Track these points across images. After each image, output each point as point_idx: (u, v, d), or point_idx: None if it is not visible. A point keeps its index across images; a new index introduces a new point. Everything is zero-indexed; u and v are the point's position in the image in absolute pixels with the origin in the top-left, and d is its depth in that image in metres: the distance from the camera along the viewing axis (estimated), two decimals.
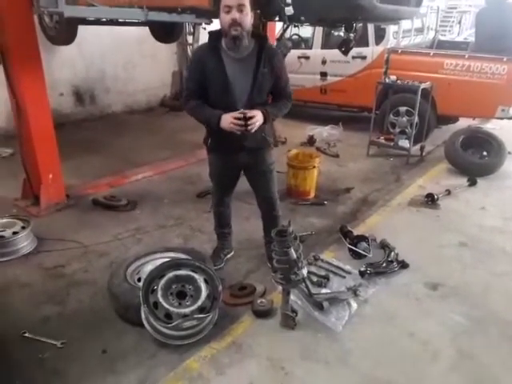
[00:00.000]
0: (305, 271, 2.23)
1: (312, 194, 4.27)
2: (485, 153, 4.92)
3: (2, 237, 3.13)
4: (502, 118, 5.63)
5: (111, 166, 5.00)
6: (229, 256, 3.14)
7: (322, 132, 6.12)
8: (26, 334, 2.37)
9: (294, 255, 2.14)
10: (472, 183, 4.46)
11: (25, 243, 3.21)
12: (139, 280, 2.60)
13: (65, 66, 6.64)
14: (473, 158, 4.84)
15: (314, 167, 4.17)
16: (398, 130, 5.82)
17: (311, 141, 5.92)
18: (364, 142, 5.65)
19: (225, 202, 2.98)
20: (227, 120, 2.40)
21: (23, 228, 3.25)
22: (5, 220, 3.31)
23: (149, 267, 2.66)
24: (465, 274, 2.96)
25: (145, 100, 8.05)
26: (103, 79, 7.30)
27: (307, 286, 2.36)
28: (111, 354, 2.27)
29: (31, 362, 2.21)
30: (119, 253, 3.24)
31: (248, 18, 2.33)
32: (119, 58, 7.41)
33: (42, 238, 3.39)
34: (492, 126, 6.11)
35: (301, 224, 3.69)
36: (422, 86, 5.10)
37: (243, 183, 2.91)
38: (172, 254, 2.84)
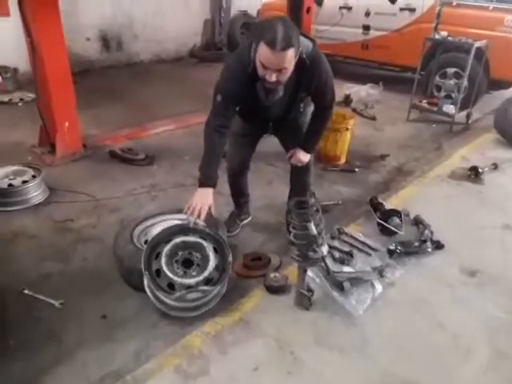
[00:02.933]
0: (325, 249, 1.97)
1: (343, 160, 3.93)
2: None
3: (10, 185, 3.00)
4: None
5: (133, 116, 4.80)
6: (245, 222, 2.91)
7: (360, 91, 5.64)
8: (26, 291, 2.26)
9: (314, 231, 1.87)
10: None
11: (35, 193, 3.08)
12: (146, 242, 2.41)
13: (92, 9, 6.33)
14: None
15: (347, 129, 3.80)
16: (443, 93, 5.29)
17: (347, 100, 5.47)
18: (405, 105, 5.17)
19: (242, 171, 2.66)
20: (199, 197, 2.14)
21: (34, 177, 3.11)
22: (15, 168, 3.16)
23: (158, 229, 2.47)
24: (507, 261, 2.63)
25: (174, 49, 7.70)
26: (131, 25, 6.98)
27: (326, 265, 2.11)
28: (111, 319, 2.13)
29: (27, 322, 2.10)
30: (131, 210, 3.07)
31: (288, 74, 1.90)
32: (148, 3, 7.01)
33: (54, 189, 3.26)
34: None
35: (327, 192, 3.39)
36: (477, 44, 4.52)
37: (267, 143, 2.62)
38: (184, 216, 2.63)
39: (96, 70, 6.46)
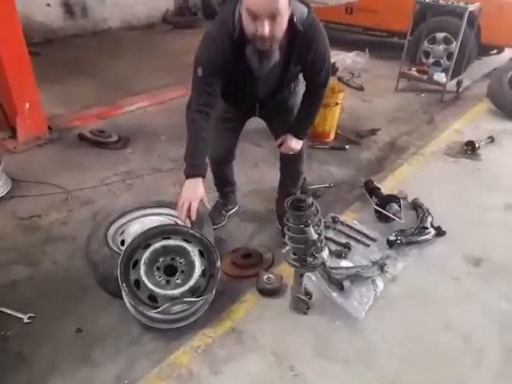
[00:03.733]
0: (325, 253, 1.75)
1: (332, 136, 3.68)
2: None
3: None
4: None
5: (103, 92, 4.40)
6: (232, 212, 2.67)
7: (346, 59, 5.33)
8: None
9: (314, 235, 1.64)
10: None
11: None
12: (123, 243, 2.16)
13: None
14: None
15: (337, 104, 3.54)
16: (431, 60, 5.05)
17: (333, 69, 5.13)
18: (393, 73, 4.91)
19: (226, 160, 2.40)
20: (188, 192, 1.86)
21: None
22: None
23: (135, 227, 2.22)
24: (510, 246, 2.48)
25: (145, 15, 7.15)
26: None
27: (327, 271, 1.91)
28: (87, 334, 1.90)
29: None
30: (105, 201, 2.79)
31: (283, 25, 1.59)
32: None
33: (18, 180, 2.93)
34: None
35: (318, 173, 3.17)
36: (470, 7, 4.24)
37: (250, 120, 2.33)
38: (164, 211, 2.38)
39: (59, 40, 5.93)
